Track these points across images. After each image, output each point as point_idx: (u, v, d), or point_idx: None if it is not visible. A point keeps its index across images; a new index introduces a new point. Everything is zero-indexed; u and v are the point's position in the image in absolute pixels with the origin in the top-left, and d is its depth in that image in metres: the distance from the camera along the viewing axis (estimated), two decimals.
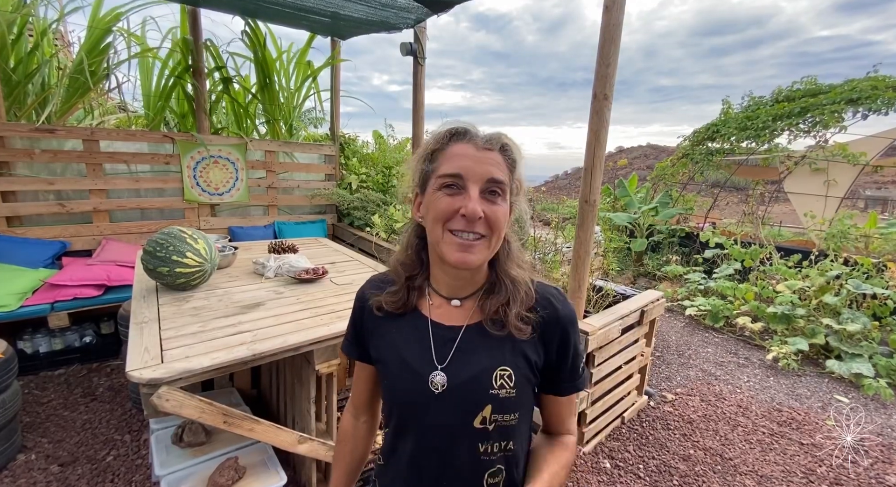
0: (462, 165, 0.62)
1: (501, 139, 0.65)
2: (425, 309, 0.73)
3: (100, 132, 3.01)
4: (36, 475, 1.85)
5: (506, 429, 0.68)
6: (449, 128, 0.66)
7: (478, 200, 0.62)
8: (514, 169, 0.66)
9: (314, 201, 4.28)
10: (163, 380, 1.25)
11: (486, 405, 0.66)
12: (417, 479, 0.70)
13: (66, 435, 2.11)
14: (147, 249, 1.83)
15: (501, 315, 0.68)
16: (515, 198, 0.68)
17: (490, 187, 0.63)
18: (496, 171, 0.63)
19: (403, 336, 0.72)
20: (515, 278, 0.69)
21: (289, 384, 1.91)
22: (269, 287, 2.06)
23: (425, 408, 0.68)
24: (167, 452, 1.68)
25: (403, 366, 0.70)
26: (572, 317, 0.71)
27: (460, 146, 0.64)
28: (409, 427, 0.71)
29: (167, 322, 1.60)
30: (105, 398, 2.44)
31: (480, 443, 0.67)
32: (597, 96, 1.97)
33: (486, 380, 0.66)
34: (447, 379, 0.67)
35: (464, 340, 0.69)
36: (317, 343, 1.57)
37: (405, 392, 0.70)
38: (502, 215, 0.64)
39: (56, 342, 2.67)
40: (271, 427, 1.55)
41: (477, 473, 0.68)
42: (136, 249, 3.04)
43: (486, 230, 0.63)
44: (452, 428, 0.67)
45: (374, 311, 0.75)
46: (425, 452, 0.69)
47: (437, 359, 0.68)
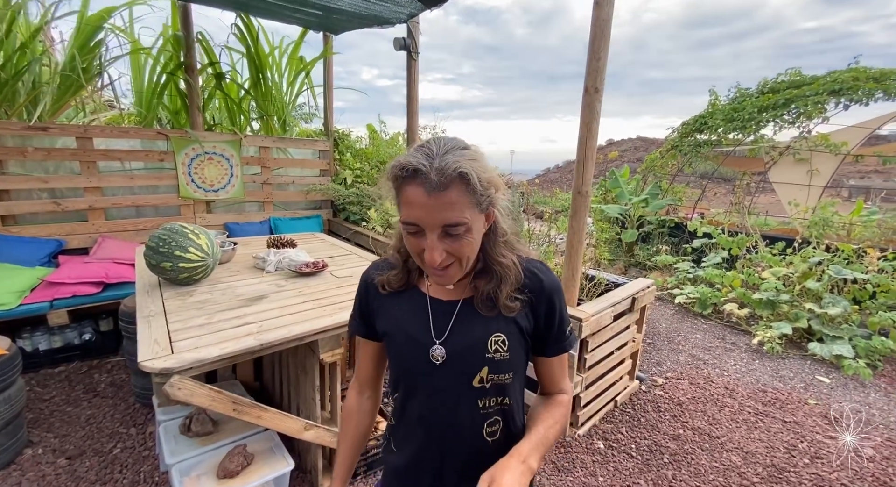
0: (416, 215, 0.63)
1: (458, 169, 0.61)
2: (424, 287, 0.80)
3: (93, 130, 3.00)
4: (44, 468, 1.89)
5: (501, 386, 0.76)
6: (401, 165, 0.63)
7: (436, 244, 0.64)
8: (479, 187, 0.63)
9: (309, 197, 4.30)
10: (174, 369, 1.29)
11: (483, 367, 0.74)
12: (426, 434, 0.78)
13: (72, 430, 2.14)
14: (149, 244, 1.86)
15: (493, 297, 0.74)
16: (492, 200, 0.68)
17: (447, 230, 0.63)
18: (451, 214, 0.62)
19: (405, 311, 0.79)
20: (504, 263, 0.74)
21: (293, 374, 1.96)
22: (271, 281, 2.10)
23: (428, 375, 0.76)
24: (176, 442, 1.72)
25: (407, 338, 0.77)
26: (556, 286, 0.78)
27: (412, 190, 0.62)
28: (416, 391, 0.78)
29: (173, 315, 1.63)
30: (107, 394, 2.46)
31: (479, 399, 0.75)
32: (588, 90, 2.03)
33: (483, 346, 0.74)
34: (446, 351, 0.74)
35: (460, 312, 0.76)
36: (321, 333, 1.62)
37: (410, 362, 0.78)
38: (466, 245, 0.66)
39: (55, 340, 2.68)
40: (278, 414, 1.60)
41: (477, 425, 0.76)
42: (132, 246, 3.05)
43: (454, 259, 0.67)
44: (454, 389, 0.75)
45: (378, 290, 0.81)
46: (431, 411, 0.77)
47: (436, 333, 0.75)
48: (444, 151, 0.63)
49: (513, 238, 0.78)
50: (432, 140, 0.66)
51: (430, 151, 0.63)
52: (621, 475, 1.96)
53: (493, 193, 0.68)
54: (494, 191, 0.68)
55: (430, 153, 0.62)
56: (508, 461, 0.67)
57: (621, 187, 5.86)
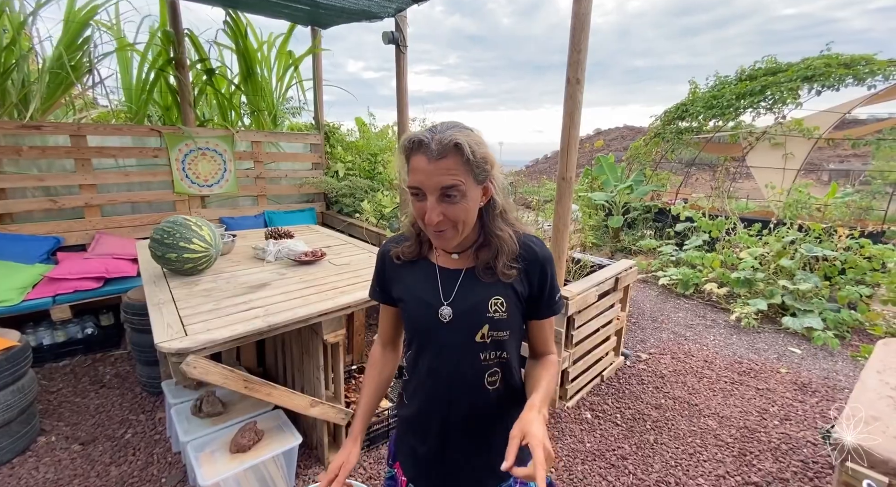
0: (419, 179, 0.74)
1: (453, 141, 0.72)
2: (433, 258, 0.92)
3: (86, 127, 3.02)
4: (59, 453, 1.97)
5: (500, 342, 0.87)
6: (409, 138, 0.76)
7: (435, 206, 0.75)
8: (474, 158, 0.74)
9: (302, 190, 4.36)
10: (190, 350, 1.39)
11: (484, 324, 0.85)
12: (434, 384, 0.90)
13: (82, 419, 2.22)
14: (154, 237, 1.93)
15: (492, 265, 0.85)
16: (488, 175, 0.78)
17: (445, 192, 0.74)
18: (447, 178, 0.73)
19: (417, 279, 0.91)
20: (501, 236, 0.84)
21: (296, 356, 2.06)
22: (272, 270, 2.19)
23: (437, 332, 0.87)
24: (188, 422, 1.82)
25: (418, 301, 0.89)
26: (549, 257, 0.89)
27: (417, 159, 0.74)
28: (426, 347, 0.90)
29: (182, 303, 1.72)
30: (114, 385, 2.54)
31: (481, 353, 0.86)
32: (570, 81, 2.14)
33: (484, 307, 0.85)
34: (452, 311, 0.86)
35: (464, 279, 0.88)
36: (324, 315, 1.72)
37: (421, 322, 0.89)
38: (461, 210, 0.76)
39: (59, 335, 2.74)
40: (286, 391, 1.70)
41: (479, 375, 0.88)
42: (130, 242, 3.09)
43: (450, 223, 0.77)
44: (459, 344, 0.86)
45: (393, 260, 0.93)
46: (440, 363, 0.89)
47: (444, 295, 0.87)
48: (446, 128, 0.75)
49: (510, 215, 0.87)
50: (440, 122, 0.78)
51: (435, 128, 0.76)
52: (607, 441, 2.10)
53: (489, 169, 0.78)
54: (490, 167, 0.78)
55: (434, 129, 0.75)
56: (529, 414, 0.76)
57: (607, 175, 6.00)
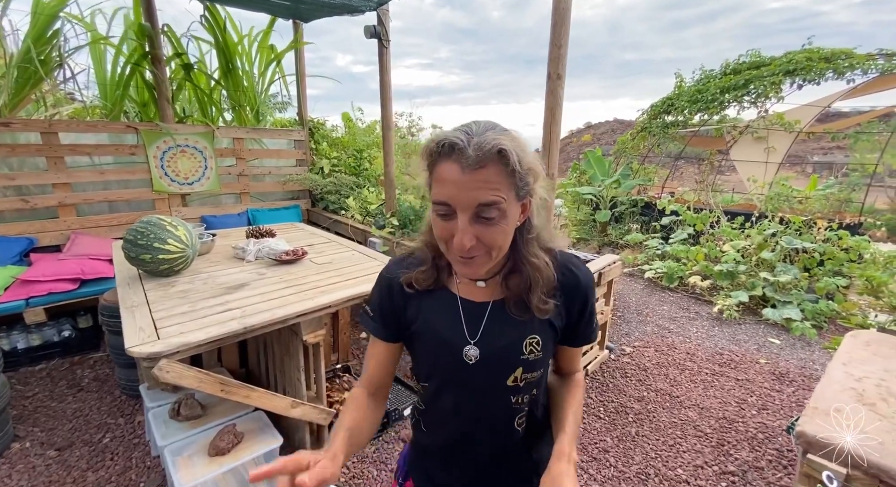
0: (448, 193, 0.60)
1: (496, 146, 0.57)
2: (453, 286, 0.76)
3: (58, 124, 2.94)
4: (34, 460, 1.93)
5: (533, 383, 0.76)
6: (437, 140, 0.60)
7: (467, 227, 0.61)
8: (520, 168, 0.60)
9: (287, 187, 4.30)
10: (162, 354, 1.36)
11: (518, 368, 0.73)
12: (458, 422, 0.79)
13: (58, 424, 2.18)
14: (127, 237, 1.89)
15: (524, 299, 0.71)
16: (530, 189, 0.64)
17: (481, 211, 0.60)
18: (486, 193, 0.58)
19: (435, 312, 0.76)
20: (535, 264, 0.69)
21: (277, 357, 2.04)
22: (252, 270, 2.16)
23: (462, 375, 0.74)
24: (166, 426, 1.79)
25: (438, 340, 0.75)
26: (590, 282, 0.76)
27: (447, 167, 0.59)
28: (448, 387, 0.77)
29: (156, 305, 1.68)
30: (92, 389, 2.49)
31: (512, 396, 0.75)
32: (551, 76, 2.13)
33: (518, 348, 0.72)
34: (479, 352, 0.72)
35: (492, 315, 0.73)
36: (303, 316, 1.70)
37: (442, 362, 0.76)
38: (499, 233, 0.62)
39: (34, 338, 2.67)
40: (265, 393, 1.69)
41: (509, 419, 0.77)
42: (107, 242, 3.02)
43: (483, 249, 0.63)
44: (488, 388, 0.74)
45: (403, 288, 0.76)
46: (465, 404, 0.77)
47: (469, 333, 0.73)
48: (484, 130, 0.60)
49: (545, 234, 0.73)
50: (472, 122, 0.63)
51: (469, 129, 0.60)
52: (589, 434, 2.13)
53: (532, 182, 0.63)
54: (533, 180, 0.63)
55: (468, 130, 0.60)
56: (559, 465, 0.69)
57: (594, 169, 6.03)
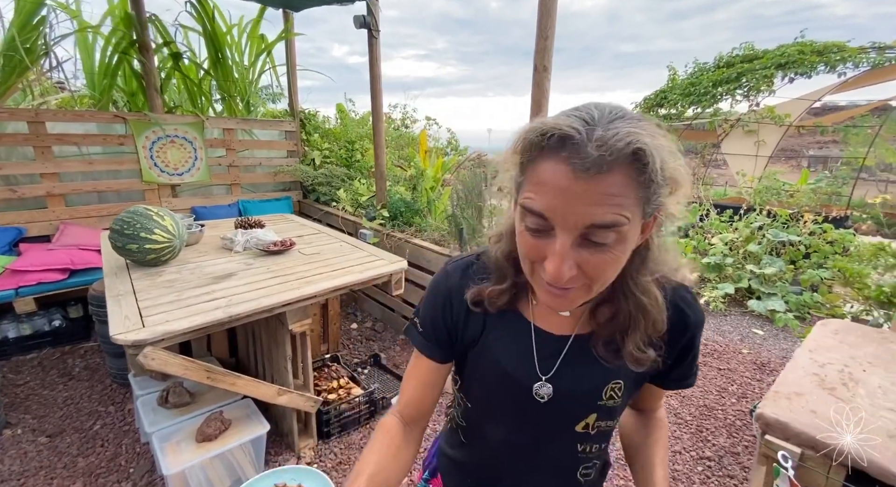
0: (549, 204, 0.44)
1: (631, 145, 0.41)
2: (527, 311, 0.61)
3: (45, 113, 2.92)
4: (25, 446, 1.95)
5: (608, 432, 0.64)
6: (543, 129, 0.44)
7: (568, 252, 0.45)
8: (661, 177, 0.43)
9: (278, 179, 4.29)
10: (147, 341, 1.38)
11: (591, 413, 0.60)
12: (509, 459, 0.67)
13: (49, 411, 2.20)
14: (114, 227, 1.89)
15: (618, 342, 0.57)
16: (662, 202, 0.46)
17: (590, 233, 0.44)
18: (604, 211, 0.42)
19: (502, 340, 0.62)
20: (641, 302, 0.53)
21: (265, 346, 2.06)
22: (239, 260, 2.17)
23: (524, 410, 0.62)
24: (154, 413, 1.82)
25: (502, 373, 0.62)
26: (701, 322, 0.60)
27: (552, 168, 0.43)
28: (504, 419, 0.65)
29: (142, 294, 1.70)
30: (83, 377, 2.51)
31: (579, 444, 0.63)
32: (537, 68, 2.13)
33: (596, 394, 0.59)
34: (553, 390, 0.59)
35: (572, 351, 0.59)
36: (288, 305, 1.72)
37: (503, 399, 0.64)
38: (609, 263, 0.46)
39: (24, 328, 2.69)
40: (251, 381, 1.71)
41: (572, 468, 0.65)
42: (97, 232, 3.02)
43: (583, 281, 0.48)
44: (552, 430, 0.63)
45: (467, 305, 0.61)
46: (520, 442, 0.65)
47: (541, 369, 0.60)
48: (612, 118, 0.43)
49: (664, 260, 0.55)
50: (592, 104, 0.46)
51: (590, 115, 0.43)
52: None
53: (668, 193, 0.46)
54: (671, 190, 0.46)
55: (589, 117, 0.43)
56: None
57: None
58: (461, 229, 2.90)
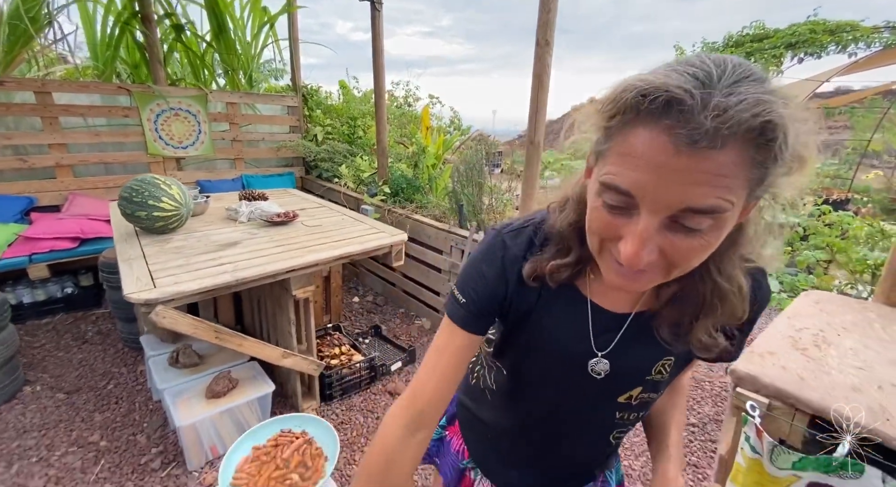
0: (638, 180, 0.37)
1: (759, 116, 0.33)
2: (584, 286, 0.57)
3: (51, 84, 2.94)
4: (45, 402, 2.07)
5: (649, 403, 0.63)
6: (643, 88, 0.35)
7: (652, 236, 0.39)
8: (785, 154, 0.35)
9: (280, 154, 4.32)
10: (158, 300, 1.45)
11: (637, 387, 0.60)
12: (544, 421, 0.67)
13: (66, 371, 2.31)
14: (123, 195, 1.95)
15: (684, 326, 0.52)
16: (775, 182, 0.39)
17: (682, 217, 0.37)
18: (706, 193, 0.35)
19: (555, 317, 0.58)
20: (722, 288, 0.47)
21: (270, 312, 2.14)
22: (244, 230, 2.23)
23: (574, 386, 0.61)
24: (165, 372, 1.92)
25: (555, 350, 0.59)
26: (765, 304, 0.55)
27: (649, 137, 0.36)
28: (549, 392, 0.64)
29: (152, 259, 1.77)
30: (96, 341, 2.62)
31: (619, 412, 0.63)
32: (539, 43, 2.13)
33: (647, 370, 0.58)
34: (609, 366, 0.57)
35: (630, 329, 0.56)
36: (292, 271, 1.79)
37: (554, 373, 0.62)
38: (698, 250, 0.40)
39: (38, 293, 2.78)
40: (257, 342, 1.80)
41: (606, 432, 0.66)
42: (104, 203, 3.09)
43: (662, 265, 0.41)
44: (596, 401, 0.62)
45: (523, 277, 0.56)
46: (562, 411, 0.65)
47: (597, 346, 0.57)
48: (737, 78, 0.35)
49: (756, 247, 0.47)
50: (706, 57, 0.37)
51: (708, 74, 0.35)
52: None
53: (786, 172, 0.38)
54: (791, 169, 0.38)
55: (706, 77, 0.35)
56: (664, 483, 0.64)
57: None
58: (461, 206, 2.94)
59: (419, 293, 3.05)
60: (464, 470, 0.83)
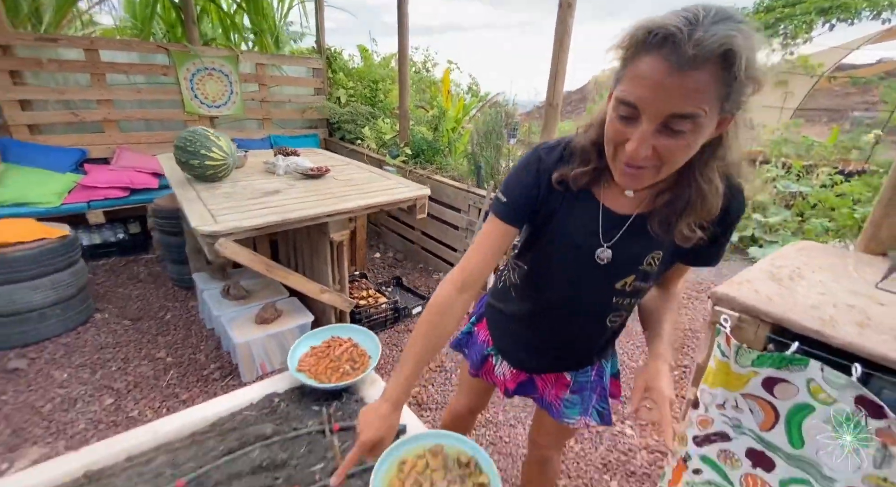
0: (641, 95, 0.52)
1: (724, 46, 0.47)
2: (598, 191, 0.73)
3: (99, 41, 3.12)
4: (114, 326, 2.38)
5: (640, 291, 0.79)
6: (649, 27, 0.50)
7: (648, 137, 0.54)
8: (743, 75, 0.49)
9: (306, 115, 4.47)
10: (220, 233, 1.69)
11: (631, 275, 0.75)
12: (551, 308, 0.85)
13: (127, 303, 2.62)
14: (178, 145, 2.16)
15: (672, 220, 0.67)
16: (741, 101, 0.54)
17: (670, 121, 0.53)
18: (686, 102, 0.50)
19: (574, 218, 0.74)
20: (702, 190, 0.62)
21: (307, 256, 2.38)
22: (282, 181, 2.44)
23: (583, 272, 0.76)
24: (219, 302, 2.19)
25: (570, 242, 0.75)
26: (740, 214, 0.70)
27: (651, 63, 0.51)
28: (563, 279, 0.80)
29: (208, 201, 1.99)
30: (148, 281, 2.92)
31: (615, 297, 0.78)
32: (561, 5, 2.21)
33: (640, 259, 0.74)
34: (611, 255, 0.73)
35: (630, 227, 0.72)
36: (330, 216, 2.00)
37: (568, 261, 0.78)
38: (681, 149, 0.55)
39: (95, 237, 3.08)
40: (300, 277, 2.05)
41: (604, 314, 0.81)
42: (148, 157, 3.32)
43: (656, 162, 0.57)
44: (598, 287, 0.78)
45: (551, 181, 0.72)
46: (570, 295, 0.81)
47: (604, 239, 0.73)
48: (715, 20, 0.48)
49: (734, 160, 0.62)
50: (700, 5, 0.50)
51: (696, 16, 0.49)
52: None
53: (749, 93, 0.53)
54: (752, 90, 0.53)
55: (694, 18, 0.49)
56: (655, 364, 0.76)
57: None
58: (479, 167, 3.09)
59: (437, 250, 3.26)
60: (487, 356, 1.04)
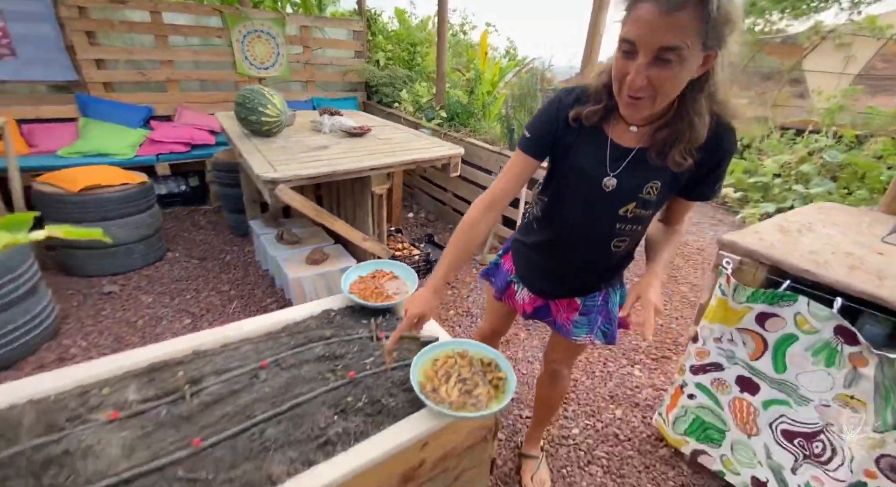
0: (637, 32, 0.66)
1: None
2: (608, 128, 0.87)
3: (161, 4, 3.34)
4: (184, 263, 2.72)
5: (640, 218, 0.90)
6: None
7: (643, 68, 0.67)
8: (717, 15, 0.63)
9: (347, 78, 4.61)
10: (280, 179, 1.91)
11: (632, 202, 0.87)
12: (568, 233, 0.99)
13: (193, 246, 2.96)
14: (237, 101, 2.39)
15: (666, 149, 0.80)
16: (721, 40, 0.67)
17: (661, 53, 0.65)
18: (671, 37, 0.63)
19: (586, 150, 0.88)
20: (692, 121, 0.75)
21: (349, 209, 2.61)
22: (328, 139, 2.64)
23: (591, 198, 0.90)
24: (274, 246, 2.47)
25: (583, 175, 0.89)
26: (731, 151, 0.82)
27: (645, 7, 0.64)
28: (575, 206, 0.94)
29: (266, 154, 2.22)
30: (209, 229, 3.26)
31: (618, 223, 0.91)
32: None
33: (640, 188, 0.86)
34: (616, 183, 0.86)
35: (633, 159, 0.85)
36: (374, 169, 2.19)
37: (579, 190, 0.91)
38: (669, 78, 0.68)
39: (161, 188, 3.43)
40: (345, 224, 2.27)
41: (608, 239, 0.94)
42: (204, 116, 3.60)
43: (651, 92, 0.70)
44: (604, 212, 0.91)
45: (567, 119, 0.87)
46: (581, 220, 0.95)
47: (610, 169, 0.86)
48: None
49: (722, 97, 0.76)
50: None
51: None
52: None
53: (726, 33, 0.66)
54: (729, 32, 0.66)
55: None
56: (648, 278, 0.86)
57: None
58: (512, 130, 3.17)
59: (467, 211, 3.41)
60: (510, 283, 1.22)
